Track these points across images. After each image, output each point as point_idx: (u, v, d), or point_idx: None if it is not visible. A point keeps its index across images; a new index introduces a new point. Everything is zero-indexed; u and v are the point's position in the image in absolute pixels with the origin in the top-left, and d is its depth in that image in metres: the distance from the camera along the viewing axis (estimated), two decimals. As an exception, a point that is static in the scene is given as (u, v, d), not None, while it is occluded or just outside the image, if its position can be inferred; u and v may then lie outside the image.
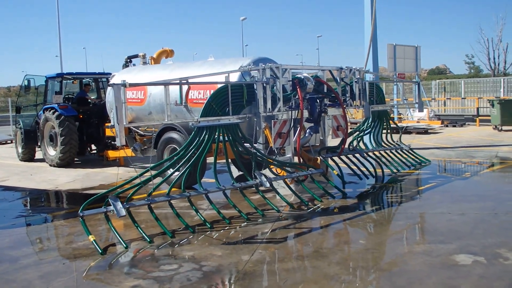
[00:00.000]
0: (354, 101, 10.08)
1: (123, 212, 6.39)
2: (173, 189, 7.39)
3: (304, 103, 8.65)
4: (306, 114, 8.93)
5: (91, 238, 6.16)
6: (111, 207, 6.40)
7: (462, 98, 27.38)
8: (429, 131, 19.94)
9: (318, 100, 9.10)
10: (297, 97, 8.53)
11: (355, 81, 10.05)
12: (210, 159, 7.99)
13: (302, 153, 9.06)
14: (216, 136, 7.58)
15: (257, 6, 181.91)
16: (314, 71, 9.98)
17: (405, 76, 23.88)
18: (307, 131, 9.25)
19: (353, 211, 7.76)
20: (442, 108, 27.82)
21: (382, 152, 10.86)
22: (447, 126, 22.32)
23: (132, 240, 6.45)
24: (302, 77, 8.74)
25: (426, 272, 5.05)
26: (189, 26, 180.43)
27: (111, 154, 12.96)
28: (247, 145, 8.14)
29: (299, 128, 8.61)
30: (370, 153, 10.49)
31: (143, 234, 6.40)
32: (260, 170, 8.18)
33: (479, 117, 22.85)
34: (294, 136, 8.71)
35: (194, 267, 5.39)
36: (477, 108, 23.63)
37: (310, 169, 8.68)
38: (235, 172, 11.04)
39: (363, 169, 9.76)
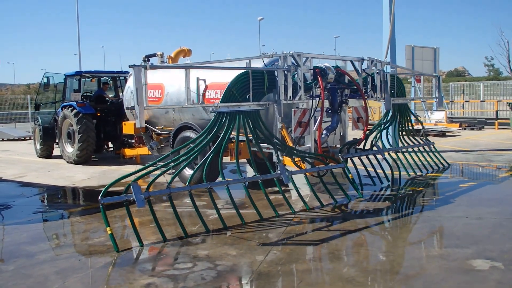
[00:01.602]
0: (375, 93, 9.93)
1: (143, 203, 6.28)
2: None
3: (325, 93, 8.57)
4: (326, 104, 8.84)
5: (108, 230, 6.12)
6: (131, 195, 6.29)
7: (481, 101, 27.04)
8: (446, 133, 19.72)
9: (339, 91, 9.01)
10: (318, 86, 8.46)
11: (377, 72, 9.91)
12: (225, 159, 8.00)
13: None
14: (236, 123, 7.48)
15: (275, 6, 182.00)
16: (335, 60, 9.81)
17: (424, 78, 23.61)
18: (324, 132, 9.18)
19: (369, 214, 7.72)
20: (461, 111, 27.51)
21: (404, 150, 10.71)
22: (465, 129, 22.05)
23: (148, 239, 6.48)
24: (324, 67, 8.68)
25: (442, 276, 4.99)
26: (207, 26, 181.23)
27: (128, 152, 13.05)
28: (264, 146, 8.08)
29: (319, 119, 8.52)
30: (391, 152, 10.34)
31: (160, 231, 6.38)
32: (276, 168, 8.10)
33: (498, 120, 22.54)
34: (314, 126, 8.61)
35: (208, 266, 5.40)
36: (496, 111, 23.30)
37: (331, 163, 8.58)
38: (250, 173, 11.04)
39: (379, 171, 9.66)
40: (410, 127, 11.17)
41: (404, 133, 11.08)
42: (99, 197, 6.23)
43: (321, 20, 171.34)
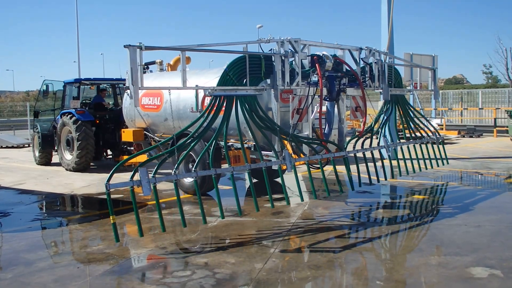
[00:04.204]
0: (373, 83, 9.86)
1: (149, 190, 6.21)
2: (188, 195, 7.39)
3: (322, 80, 8.49)
4: (325, 92, 8.82)
5: (112, 219, 6.01)
6: (137, 180, 6.18)
7: (480, 109, 27.11)
8: (445, 141, 19.74)
9: (337, 79, 9.01)
10: (316, 73, 8.42)
11: (375, 62, 9.89)
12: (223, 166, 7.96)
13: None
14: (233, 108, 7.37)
15: (274, 15, 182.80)
16: (333, 49, 9.70)
17: (422, 86, 23.70)
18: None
19: (367, 220, 7.72)
20: (459, 118, 27.57)
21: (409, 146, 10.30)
22: (463, 136, 22.10)
23: (146, 247, 6.47)
24: (322, 55, 8.65)
25: (442, 285, 4.98)
26: (206, 34, 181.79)
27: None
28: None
29: (319, 107, 8.48)
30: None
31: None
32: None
33: (497, 128, 22.59)
34: (312, 114, 8.55)
35: (207, 274, 5.39)
36: (495, 119, 23.35)
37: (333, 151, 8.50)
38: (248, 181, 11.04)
39: (381, 178, 9.58)
40: (414, 117, 10.72)
41: (412, 125, 10.60)
42: (105, 183, 6.04)
43: (320, 30, 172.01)
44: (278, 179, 10.04)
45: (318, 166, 8.33)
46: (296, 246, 6.46)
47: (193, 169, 7.05)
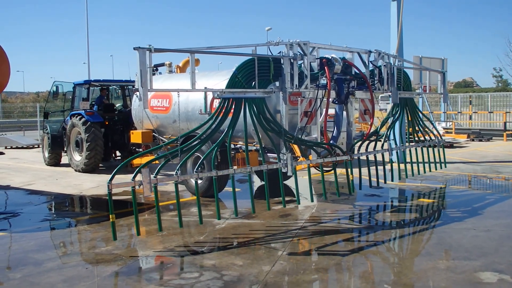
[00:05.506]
0: (382, 86, 9.81)
1: (150, 191, 6.30)
2: (193, 197, 7.38)
3: (331, 83, 8.49)
4: (333, 95, 8.79)
5: (111, 218, 6.11)
6: (139, 180, 6.27)
7: (489, 112, 26.93)
8: (454, 145, 19.63)
9: (345, 82, 8.99)
10: (324, 76, 8.40)
11: (384, 65, 9.86)
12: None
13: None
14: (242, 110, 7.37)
15: (283, 17, 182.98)
16: (342, 51, 9.65)
17: (431, 89, 23.61)
18: (330, 141, 9.13)
19: (375, 224, 7.69)
20: (468, 122, 27.41)
21: (412, 150, 10.26)
22: (473, 140, 21.94)
23: (154, 248, 6.49)
24: (330, 57, 8.64)
25: (450, 289, 4.96)
26: (215, 35, 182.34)
27: (136, 161, 13.07)
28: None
29: (325, 110, 8.45)
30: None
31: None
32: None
33: (507, 132, 22.42)
34: (320, 117, 8.55)
35: (215, 276, 5.40)
36: (505, 123, 23.17)
37: (338, 153, 8.50)
38: (257, 183, 11.05)
39: (389, 182, 9.57)
40: (421, 122, 10.63)
41: (416, 128, 10.49)
42: (107, 182, 6.17)
43: (329, 33, 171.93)
44: (287, 182, 10.07)
45: (328, 169, 8.34)
46: (304, 248, 6.46)
47: (194, 170, 7.08)
